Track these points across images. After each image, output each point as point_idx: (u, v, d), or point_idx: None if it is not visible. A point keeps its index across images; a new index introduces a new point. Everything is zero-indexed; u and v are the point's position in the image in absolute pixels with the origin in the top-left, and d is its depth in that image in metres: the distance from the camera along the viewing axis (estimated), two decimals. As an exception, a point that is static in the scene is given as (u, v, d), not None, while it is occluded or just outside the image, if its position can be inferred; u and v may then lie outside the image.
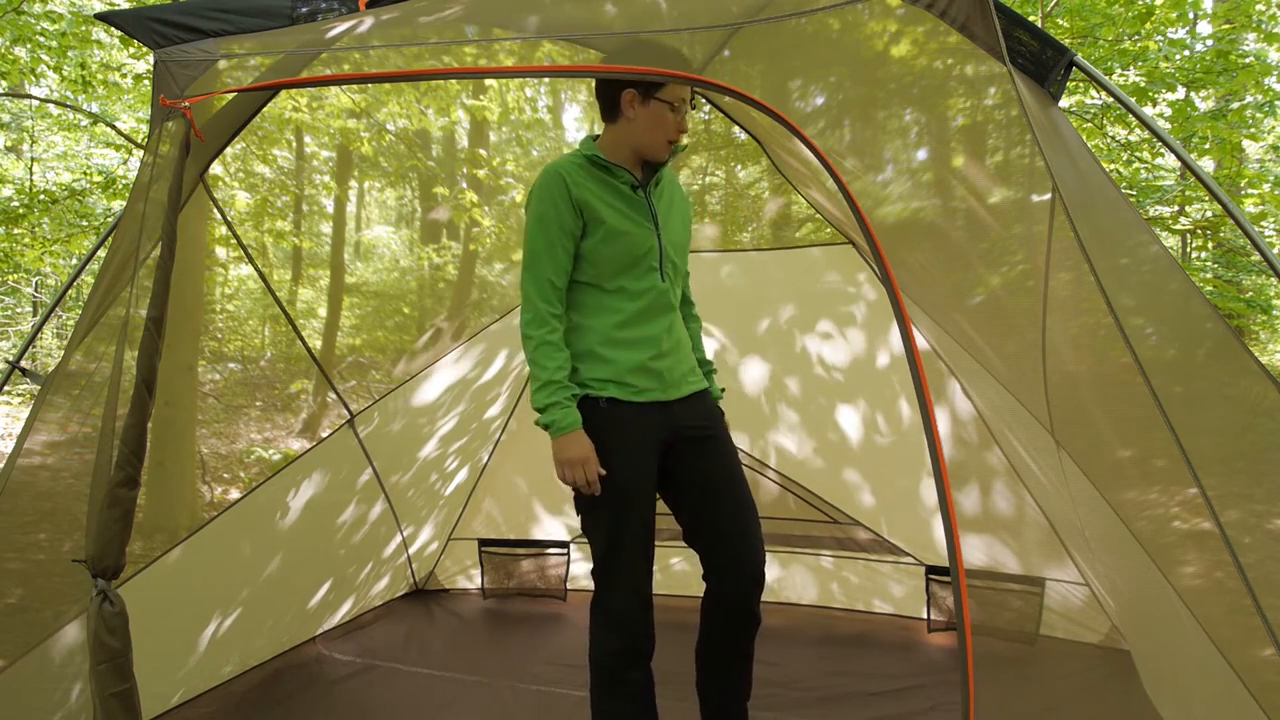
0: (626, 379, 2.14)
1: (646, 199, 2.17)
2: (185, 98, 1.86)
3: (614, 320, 2.15)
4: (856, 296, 3.77)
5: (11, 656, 2.16)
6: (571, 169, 2.12)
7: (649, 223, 2.16)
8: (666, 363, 2.18)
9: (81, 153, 10.70)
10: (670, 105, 2.10)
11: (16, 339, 11.27)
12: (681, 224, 2.27)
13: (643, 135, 2.13)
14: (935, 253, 2.13)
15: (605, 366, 2.14)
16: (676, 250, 2.23)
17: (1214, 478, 1.82)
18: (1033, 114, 1.79)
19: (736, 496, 2.25)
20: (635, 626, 2.20)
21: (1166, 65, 7.00)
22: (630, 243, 2.13)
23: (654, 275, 2.16)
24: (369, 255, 6.22)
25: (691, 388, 2.25)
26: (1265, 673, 1.78)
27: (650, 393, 2.16)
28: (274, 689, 3.05)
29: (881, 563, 3.83)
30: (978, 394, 3.09)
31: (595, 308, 2.16)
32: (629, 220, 2.13)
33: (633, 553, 2.18)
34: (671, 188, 2.29)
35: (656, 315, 2.17)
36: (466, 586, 4.21)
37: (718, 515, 2.23)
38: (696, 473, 2.23)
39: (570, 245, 2.12)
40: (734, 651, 2.33)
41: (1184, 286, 2.12)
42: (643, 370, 2.15)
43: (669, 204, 2.24)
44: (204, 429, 3.67)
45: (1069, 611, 3.36)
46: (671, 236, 2.21)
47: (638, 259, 2.14)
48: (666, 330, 2.19)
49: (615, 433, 2.15)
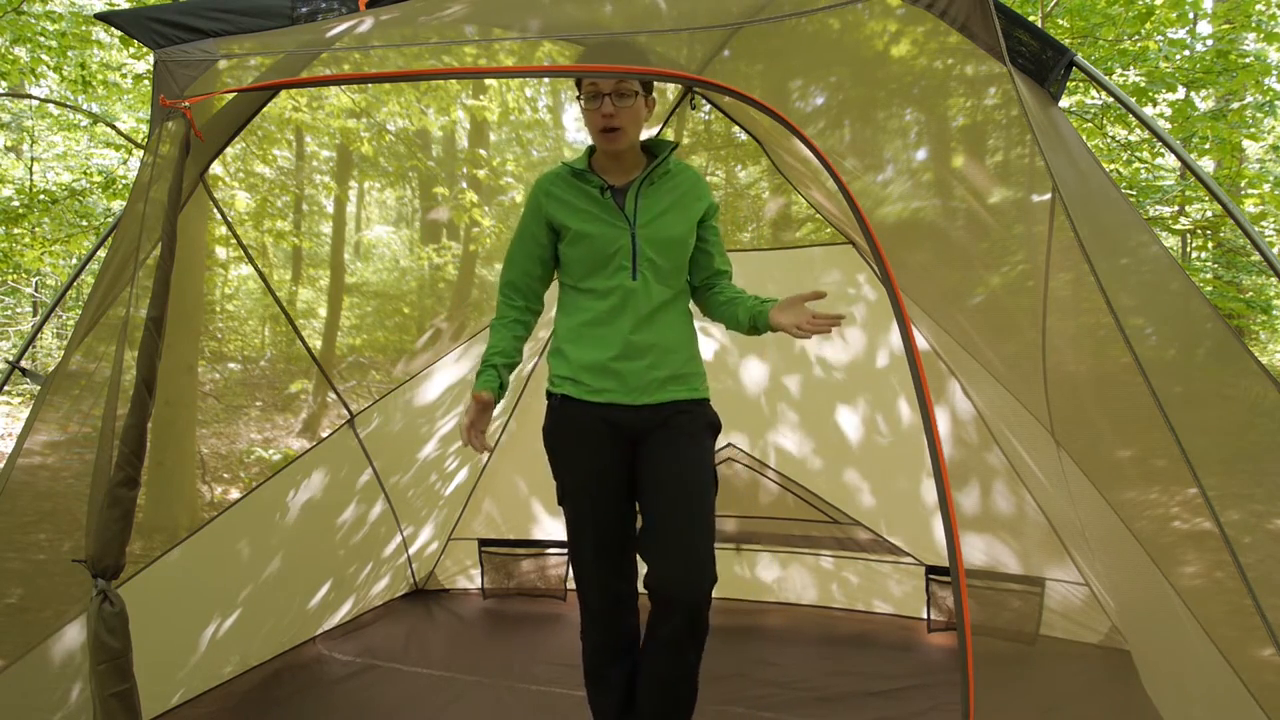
0: (582, 377, 2.17)
1: (619, 199, 2.17)
2: (185, 98, 1.86)
3: (581, 319, 2.20)
4: (856, 296, 3.77)
5: (11, 656, 2.16)
6: (553, 180, 2.23)
7: (621, 222, 2.16)
8: (631, 365, 2.14)
9: (81, 153, 10.70)
10: (585, 97, 2.11)
11: (16, 339, 11.27)
12: (678, 220, 2.21)
13: (590, 133, 2.18)
14: (935, 253, 2.13)
15: (565, 363, 2.21)
16: (659, 248, 2.17)
17: (1214, 478, 1.82)
18: (1033, 114, 1.79)
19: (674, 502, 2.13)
20: (609, 623, 2.23)
21: (1166, 65, 7.00)
22: (595, 244, 2.16)
23: (624, 274, 2.15)
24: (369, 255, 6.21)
25: (666, 396, 2.17)
26: (1265, 673, 1.78)
27: (608, 393, 2.15)
28: (274, 689, 3.05)
29: (881, 563, 3.83)
30: (978, 394, 3.09)
31: (568, 306, 2.25)
32: (596, 222, 2.16)
33: (591, 551, 2.20)
34: (674, 183, 2.23)
35: (623, 315, 2.15)
36: (466, 586, 4.21)
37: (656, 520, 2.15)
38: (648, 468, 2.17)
39: (535, 251, 2.26)
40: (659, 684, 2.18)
41: (1184, 286, 2.12)
42: (599, 369, 2.15)
43: (663, 201, 2.20)
44: (204, 429, 3.66)
45: (1069, 611, 3.36)
46: (654, 234, 2.17)
47: (605, 258, 2.16)
48: (634, 332, 2.14)
49: (563, 431, 2.22)
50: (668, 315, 2.20)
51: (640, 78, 2.07)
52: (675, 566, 2.07)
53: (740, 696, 2.97)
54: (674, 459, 2.16)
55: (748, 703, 2.93)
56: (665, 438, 2.17)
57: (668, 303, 2.20)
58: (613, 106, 2.07)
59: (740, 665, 3.25)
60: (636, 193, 2.18)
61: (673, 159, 2.25)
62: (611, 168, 2.21)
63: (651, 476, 2.17)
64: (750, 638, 3.60)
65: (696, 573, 2.07)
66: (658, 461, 2.16)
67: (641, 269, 2.15)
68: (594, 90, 2.09)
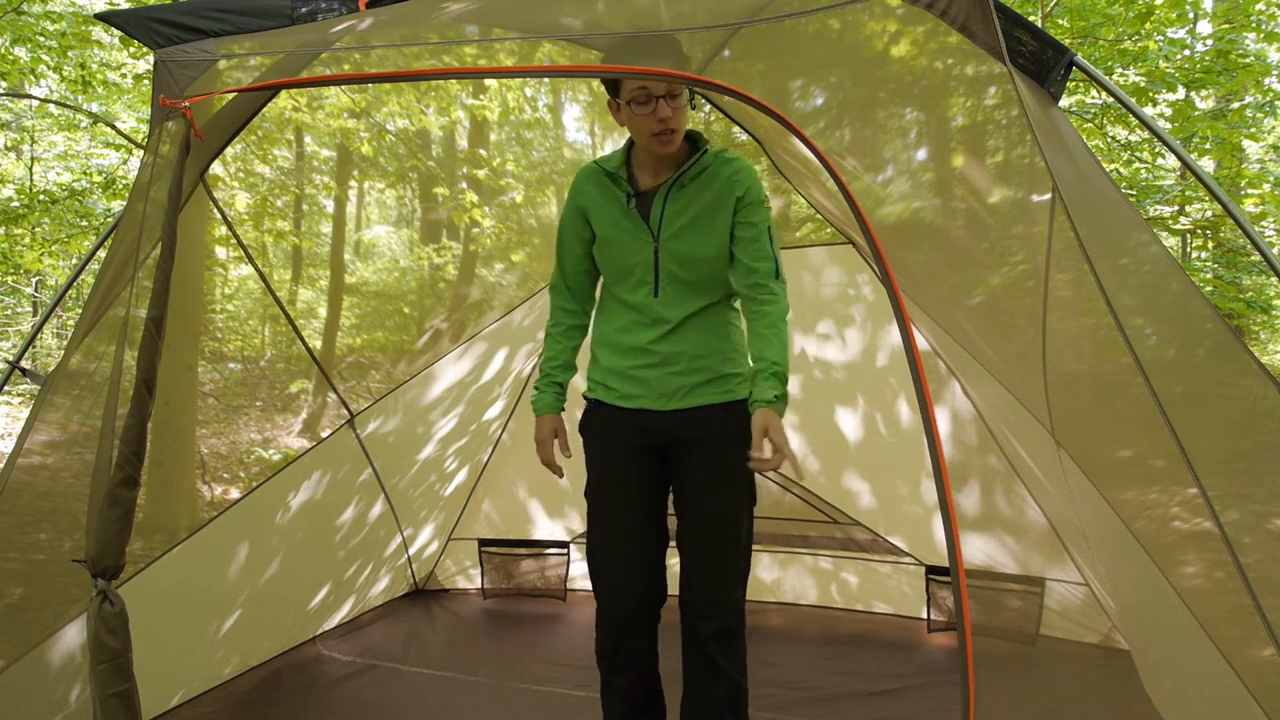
0: (611, 382, 2.15)
1: (644, 208, 2.08)
2: (185, 98, 1.86)
3: (612, 324, 2.18)
4: (856, 297, 3.77)
5: (11, 656, 2.16)
6: (587, 176, 2.17)
7: (644, 234, 2.08)
8: (655, 374, 2.10)
9: (81, 153, 10.70)
10: (634, 101, 1.97)
11: (16, 339, 11.27)
12: (704, 233, 2.06)
13: (637, 137, 2.06)
14: (935, 253, 2.13)
15: (597, 368, 2.20)
16: (683, 263, 2.06)
17: (1214, 478, 1.82)
18: (1033, 114, 1.79)
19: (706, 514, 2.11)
20: (619, 629, 2.16)
21: (1166, 65, 7.00)
22: (618, 253, 2.11)
23: (645, 289, 2.10)
24: (369, 255, 6.21)
25: (700, 400, 2.10)
26: (1265, 673, 1.78)
27: (638, 399, 2.12)
28: (274, 689, 3.05)
29: (881, 563, 3.83)
30: (978, 394, 3.09)
31: (603, 309, 2.23)
32: (619, 230, 2.11)
33: (605, 553, 2.17)
34: (708, 184, 2.07)
35: (647, 327, 2.11)
36: (466, 586, 4.21)
37: (687, 529, 2.15)
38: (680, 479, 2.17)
39: (578, 248, 2.21)
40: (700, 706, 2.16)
41: (1184, 286, 2.12)
42: (626, 376, 2.12)
43: (692, 209, 2.06)
44: (204, 429, 3.66)
45: (1069, 611, 3.36)
46: (678, 249, 2.06)
47: (627, 270, 2.11)
48: (657, 342, 2.09)
49: (593, 433, 2.21)
50: (700, 322, 2.10)
51: (640, 78, 2.06)
52: (698, 594, 2.09)
53: (740, 696, 2.97)
54: (704, 482, 2.10)
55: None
56: (699, 453, 2.10)
57: (699, 312, 2.09)
58: (669, 109, 1.95)
59: (740, 665, 3.25)
60: (665, 197, 2.07)
61: (711, 154, 2.09)
62: (650, 165, 2.10)
63: (682, 494, 2.15)
64: (750, 638, 3.57)
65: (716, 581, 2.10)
66: (688, 480, 2.13)
67: (664, 285, 2.08)
68: (645, 94, 1.94)
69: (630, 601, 2.15)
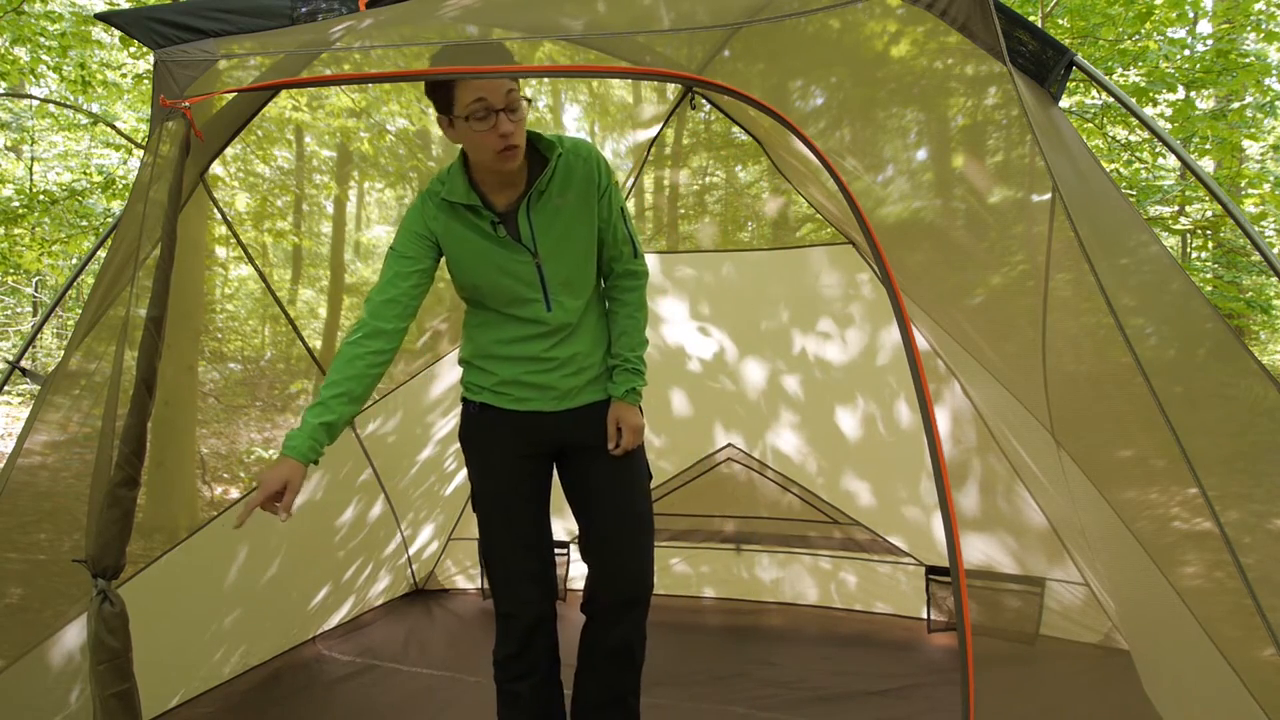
0: (502, 389, 2.11)
1: (512, 229, 1.98)
2: (185, 98, 1.86)
3: (498, 335, 2.10)
4: (856, 296, 3.77)
5: (11, 656, 2.16)
6: (439, 206, 2.01)
7: (522, 254, 1.99)
8: (552, 377, 2.07)
9: (81, 153, 10.71)
10: (473, 117, 1.82)
11: (16, 339, 11.27)
12: (579, 230, 2.02)
13: (477, 155, 1.92)
14: (935, 253, 2.13)
15: (484, 376, 2.13)
16: (569, 267, 2.02)
17: (1214, 478, 1.82)
18: (1033, 114, 1.79)
19: (616, 507, 2.13)
20: (529, 634, 2.14)
21: (1166, 65, 7.01)
22: (498, 282, 2.02)
23: (536, 306, 2.03)
24: (369, 255, 6.20)
25: (589, 398, 2.12)
26: (1265, 673, 1.78)
27: (531, 402, 2.10)
28: (274, 689, 3.05)
29: (881, 563, 3.83)
30: (977, 394, 3.09)
31: (484, 321, 2.12)
32: (491, 259, 1.99)
33: (510, 559, 2.15)
34: (566, 185, 1.99)
35: (542, 337, 2.06)
36: (466, 587, 4.20)
37: (596, 525, 2.17)
38: (582, 483, 2.18)
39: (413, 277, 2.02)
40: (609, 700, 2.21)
41: (1184, 286, 2.12)
42: (520, 383, 2.09)
43: (561, 213, 2.00)
44: (204, 429, 3.66)
45: (1069, 611, 3.36)
46: (559, 256, 2.00)
47: (515, 297, 2.03)
48: (553, 349, 2.06)
49: (478, 442, 2.18)
50: (588, 320, 2.11)
51: (641, 78, 2.06)
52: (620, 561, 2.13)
53: (740, 696, 2.97)
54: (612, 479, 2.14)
55: (748, 703, 2.93)
56: (600, 455, 2.13)
57: (585, 310, 2.10)
58: (510, 124, 1.83)
59: (741, 665, 3.25)
60: (528, 214, 1.98)
61: (556, 153, 1.97)
62: (496, 183, 1.98)
63: (583, 485, 2.16)
64: (750, 638, 3.60)
65: (638, 569, 2.14)
66: (589, 469, 2.15)
67: (554, 297, 2.03)
68: (485, 107, 1.80)
69: (541, 604, 2.16)
